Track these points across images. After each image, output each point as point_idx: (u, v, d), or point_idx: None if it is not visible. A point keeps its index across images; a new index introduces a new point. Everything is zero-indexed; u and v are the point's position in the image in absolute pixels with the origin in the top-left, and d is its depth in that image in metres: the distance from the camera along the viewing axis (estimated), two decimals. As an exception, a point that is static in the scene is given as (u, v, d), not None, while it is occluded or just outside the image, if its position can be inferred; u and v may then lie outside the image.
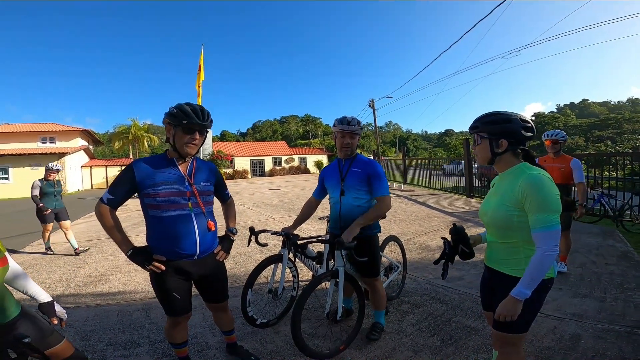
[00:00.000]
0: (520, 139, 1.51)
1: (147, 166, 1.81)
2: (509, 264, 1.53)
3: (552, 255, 1.36)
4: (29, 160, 21.83)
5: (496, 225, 1.56)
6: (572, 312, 2.87)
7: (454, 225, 1.74)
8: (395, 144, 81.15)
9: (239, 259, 4.84)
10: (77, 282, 4.12)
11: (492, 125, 1.54)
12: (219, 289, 2.13)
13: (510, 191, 1.47)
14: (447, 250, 1.73)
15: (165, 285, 1.87)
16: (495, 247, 1.61)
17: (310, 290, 2.24)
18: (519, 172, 1.49)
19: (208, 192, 1.99)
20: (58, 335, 1.66)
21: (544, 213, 1.36)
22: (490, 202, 1.61)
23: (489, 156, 1.57)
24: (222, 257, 2.06)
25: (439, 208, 8.75)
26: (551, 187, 1.40)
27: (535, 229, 1.39)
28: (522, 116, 1.53)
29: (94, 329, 2.87)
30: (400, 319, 2.85)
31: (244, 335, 2.68)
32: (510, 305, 1.41)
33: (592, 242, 5.09)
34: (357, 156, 2.51)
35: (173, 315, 1.97)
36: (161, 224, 1.80)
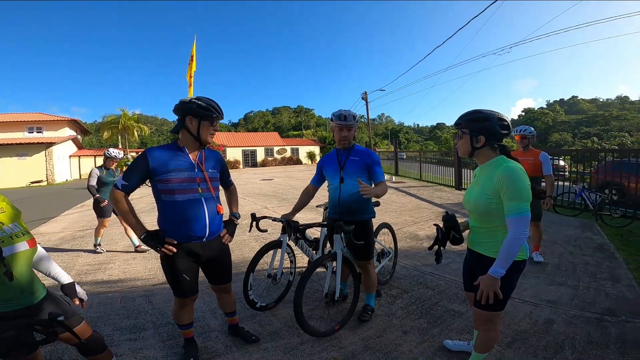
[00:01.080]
0: (497, 135, 1.69)
1: (161, 154, 1.95)
2: (488, 246, 1.72)
3: (522, 238, 1.56)
4: (16, 150, 21.45)
5: (478, 212, 1.75)
6: (548, 298, 3.10)
7: (446, 213, 1.94)
8: (388, 136, 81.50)
9: (236, 247, 4.97)
10: (76, 271, 4.21)
11: (473, 122, 1.73)
12: (224, 271, 2.28)
13: (489, 181, 1.66)
14: (440, 237, 1.92)
15: (175, 266, 2.00)
16: (477, 231, 1.81)
17: (312, 271, 2.40)
18: (496, 164, 1.69)
19: (215, 178, 2.15)
20: (78, 317, 1.75)
21: (516, 201, 1.56)
22: (472, 191, 1.80)
23: (469, 149, 1.77)
24: (228, 240, 2.22)
25: (429, 199, 9.00)
26: (524, 178, 1.59)
27: (509, 214, 1.58)
28: (499, 115, 1.71)
29: (99, 315, 2.98)
30: (390, 303, 3.05)
31: (244, 318, 2.84)
32: (487, 281, 1.61)
33: (571, 234, 5.37)
34: (354, 146, 2.69)
35: (182, 296, 2.10)
36: (174, 208, 1.94)
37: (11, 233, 1.51)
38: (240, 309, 2.87)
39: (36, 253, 1.72)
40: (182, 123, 2.00)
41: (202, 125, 1.98)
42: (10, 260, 1.46)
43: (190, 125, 1.98)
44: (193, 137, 2.00)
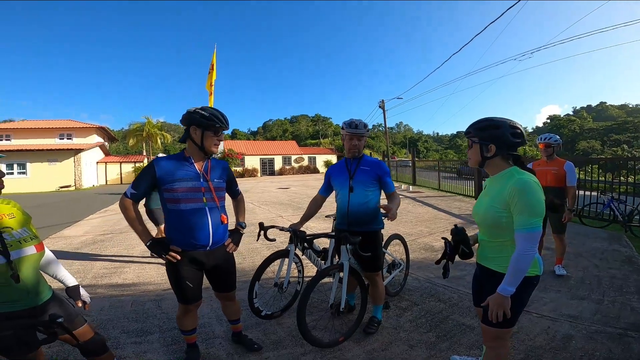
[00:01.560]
0: (509, 144, 1.60)
1: (167, 164, 2.00)
2: (497, 261, 1.64)
3: (529, 255, 1.47)
4: (46, 156, 22.59)
5: (486, 225, 1.67)
6: (568, 313, 2.94)
7: (455, 227, 1.86)
8: (406, 145, 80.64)
9: (247, 254, 5.00)
10: (93, 274, 4.33)
11: (482, 130, 1.65)
12: (228, 279, 2.29)
13: (500, 193, 1.57)
14: (448, 251, 1.84)
15: (179, 273, 2.04)
16: (486, 245, 1.72)
17: (317, 280, 2.36)
18: (508, 175, 1.59)
19: (221, 188, 2.17)
20: (82, 319, 1.80)
21: (527, 216, 1.47)
22: (482, 203, 1.72)
23: (479, 159, 1.69)
24: (232, 249, 2.23)
25: (446, 210, 8.78)
26: (537, 191, 1.49)
27: (518, 229, 1.49)
28: (512, 122, 1.63)
29: (109, 318, 3.05)
30: (399, 315, 2.96)
31: (249, 326, 2.83)
32: (496, 300, 1.52)
33: (598, 246, 5.09)
34: (363, 156, 2.66)
35: (185, 302, 2.13)
36: (178, 217, 1.98)
37: (19, 238, 1.59)
38: (246, 317, 2.86)
39: (44, 256, 1.80)
40: (188, 133, 2.04)
41: (205, 135, 2.01)
42: (18, 263, 1.52)
43: (195, 135, 2.02)
44: (197, 147, 2.04)
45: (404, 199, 11.14)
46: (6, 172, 20.06)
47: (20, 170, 22.36)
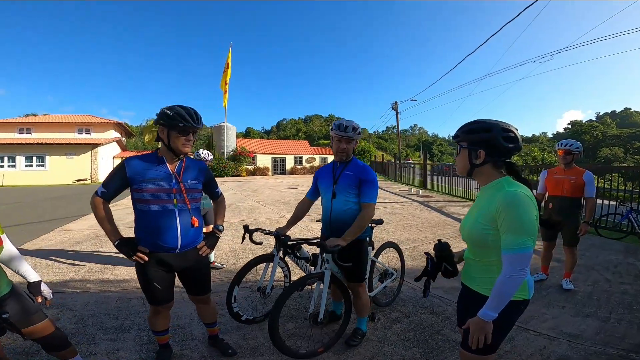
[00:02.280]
0: (501, 150, 1.41)
1: (138, 163, 1.94)
2: (482, 283, 1.46)
3: (517, 279, 1.29)
4: (65, 149, 23.23)
5: (472, 242, 1.49)
6: (569, 331, 2.74)
7: (439, 241, 1.67)
8: (420, 147, 79.60)
9: (242, 254, 4.93)
10: (87, 269, 4.33)
11: (471, 134, 1.46)
12: (201, 283, 2.21)
13: (487, 207, 1.39)
14: (430, 267, 1.66)
15: (147, 275, 1.98)
16: (471, 264, 1.54)
17: (293, 290, 2.25)
18: (498, 187, 1.40)
19: (196, 189, 2.09)
20: (42, 314, 1.82)
21: (515, 234, 1.28)
22: (469, 217, 1.54)
23: (467, 167, 1.49)
24: (205, 252, 2.13)
25: (454, 216, 8.51)
26: (528, 207, 1.30)
27: (505, 250, 1.31)
28: (505, 125, 1.44)
29: (91, 314, 3.02)
30: (386, 327, 2.80)
31: (230, 329, 2.74)
32: (476, 324, 1.36)
33: (612, 259, 4.79)
34: (352, 160, 2.50)
35: (154, 304, 2.09)
36: (146, 218, 1.92)
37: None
38: (228, 319, 2.77)
39: (7, 252, 1.81)
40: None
41: (171, 135, 1.93)
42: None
43: (162, 135, 1.95)
44: (166, 147, 1.97)
45: (412, 203, 10.89)
46: (25, 165, 20.88)
47: (39, 163, 23.08)
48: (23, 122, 26.58)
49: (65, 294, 3.45)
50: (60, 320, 2.90)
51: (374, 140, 76.37)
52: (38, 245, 5.62)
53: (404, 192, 14.46)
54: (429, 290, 1.68)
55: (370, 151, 40.42)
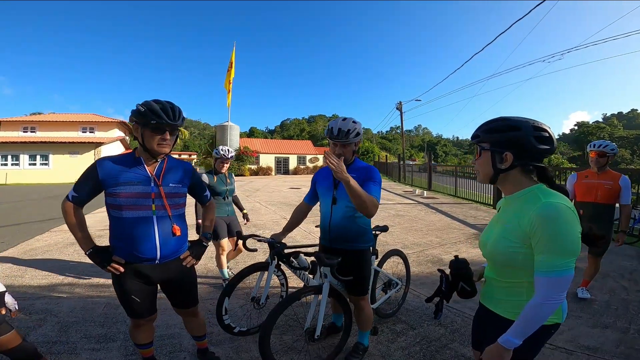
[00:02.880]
0: (532, 152, 1.18)
1: (112, 165, 1.74)
2: (508, 306, 1.25)
3: (553, 305, 1.08)
4: (68, 148, 23.23)
5: (496, 261, 1.27)
6: (587, 344, 2.54)
7: (455, 258, 1.44)
8: (424, 148, 79.16)
9: (240, 259, 4.71)
10: (78, 271, 4.16)
11: (495, 133, 1.22)
12: (185, 295, 2.02)
13: (517, 221, 1.17)
14: (444, 287, 1.44)
15: (124, 287, 1.80)
16: (494, 285, 1.32)
17: (287, 304, 2.07)
18: (531, 197, 1.18)
19: (179, 194, 1.88)
20: (7, 326, 1.70)
21: (555, 255, 1.06)
22: (492, 232, 1.31)
23: (491, 173, 1.26)
24: (190, 263, 1.94)
25: (461, 219, 8.26)
26: (572, 222, 1.08)
27: (540, 272, 1.09)
28: (536, 123, 1.20)
29: (76, 321, 2.85)
30: (390, 341, 2.60)
31: (222, 340, 2.56)
32: (495, 353, 1.15)
33: (626, 265, 4.58)
34: (354, 162, 2.24)
35: (133, 317, 1.90)
36: (121, 225, 1.73)
37: None
38: (221, 330, 2.57)
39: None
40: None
41: (144, 133, 1.72)
42: None
43: (136, 133, 1.75)
44: (142, 146, 1.77)
45: (417, 204, 10.65)
46: (29, 163, 20.91)
47: (42, 161, 23.11)
48: (27, 120, 26.63)
49: (51, 299, 3.29)
50: (42, 326, 2.74)
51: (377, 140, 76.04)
52: (31, 246, 5.48)
53: (408, 193, 14.22)
54: (441, 312, 1.47)
55: (373, 151, 40.13)
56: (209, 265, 4.42)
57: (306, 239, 5.77)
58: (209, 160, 27.65)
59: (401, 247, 5.43)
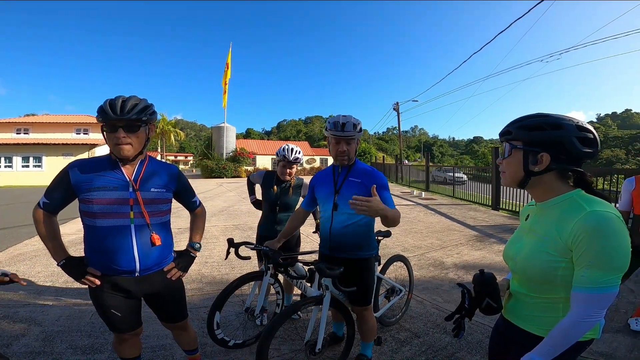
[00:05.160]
0: (574, 155, 1.04)
1: (85, 169, 1.57)
2: (539, 323, 1.11)
3: (590, 323, 0.96)
4: (62, 150, 22.89)
5: (529, 276, 1.12)
6: (600, 350, 2.44)
7: (480, 272, 1.27)
8: (420, 149, 79.38)
9: (237, 265, 4.55)
10: (66, 278, 3.94)
11: (533, 131, 1.07)
12: (172, 310, 1.86)
13: (556, 233, 1.03)
14: (467, 304, 1.28)
15: (102, 301, 1.63)
16: (523, 300, 1.18)
17: (286, 317, 1.93)
18: (572, 205, 1.04)
19: (161, 200, 1.69)
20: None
21: (600, 271, 0.93)
22: (523, 244, 1.16)
23: (521, 175, 1.11)
24: (175, 276, 1.77)
25: (460, 220, 8.16)
26: (622, 234, 0.95)
27: (580, 287, 0.96)
28: (580, 122, 1.06)
29: (62, 330, 2.70)
30: (394, 350, 2.46)
31: (216, 352, 2.41)
32: None
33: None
34: (355, 164, 2.08)
35: (115, 332, 1.75)
36: (95, 235, 1.57)
37: None
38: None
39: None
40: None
41: (104, 135, 1.56)
42: None
43: (104, 135, 1.58)
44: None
45: (415, 206, 10.55)
46: (22, 165, 20.55)
47: (35, 163, 22.75)
48: (20, 122, 26.25)
49: (37, 307, 3.12)
50: (26, 336, 2.59)
51: (374, 141, 76.08)
52: (20, 250, 5.28)
53: (406, 194, 14.12)
54: (463, 330, 1.31)
55: (370, 152, 40.04)
56: (203, 271, 4.27)
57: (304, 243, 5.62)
58: (204, 162, 27.50)
59: (401, 250, 5.32)
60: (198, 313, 3.02)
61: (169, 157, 30.37)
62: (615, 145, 66.15)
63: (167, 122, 34.29)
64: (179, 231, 6.27)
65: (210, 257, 4.88)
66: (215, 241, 5.87)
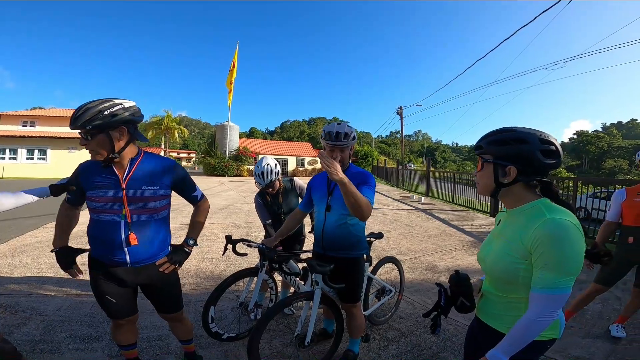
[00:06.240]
0: (538, 166, 1.12)
1: (88, 169, 1.71)
2: (504, 320, 1.21)
3: (545, 321, 1.05)
4: (66, 143, 23.14)
5: (496, 276, 1.23)
6: (577, 354, 2.53)
7: (456, 273, 1.37)
8: (423, 153, 79.33)
9: (234, 261, 4.66)
10: (68, 268, 4.10)
11: (500, 145, 1.17)
12: (166, 301, 1.95)
13: (520, 237, 1.12)
14: (443, 302, 1.39)
15: (99, 288, 1.77)
16: (492, 299, 1.29)
17: (277, 310, 2.03)
18: (535, 213, 1.13)
19: (153, 197, 1.72)
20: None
21: (554, 273, 1.02)
22: (491, 247, 1.28)
23: (492, 186, 1.20)
24: (168, 270, 1.83)
25: (457, 226, 8.23)
26: (577, 240, 1.04)
27: (537, 288, 1.05)
28: (543, 135, 1.14)
29: (62, 320, 2.80)
30: (381, 348, 2.56)
31: (210, 343, 2.50)
32: None
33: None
34: (349, 168, 2.20)
35: (111, 317, 1.87)
36: (93, 227, 1.72)
37: None
38: (208, 333, 2.53)
39: None
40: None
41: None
42: None
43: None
44: None
45: (414, 210, 10.62)
46: (27, 157, 20.74)
47: (40, 156, 23.02)
48: (27, 115, 26.51)
49: (38, 297, 3.23)
50: (27, 325, 2.69)
51: (377, 144, 76.13)
52: (22, 242, 5.41)
53: (406, 198, 14.19)
54: (439, 327, 1.41)
55: (372, 155, 40.10)
56: (201, 267, 4.38)
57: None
58: (207, 159, 27.67)
59: (396, 253, 5.40)
60: (195, 306, 3.12)
61: (172, 153, 30.52)
62: (618, 156, 65.97)
63: (172, 119, 34.46)
64: (180, 227, 6.38)
65: (209, 254, 4.98)
66: (215, 238, 5.99)
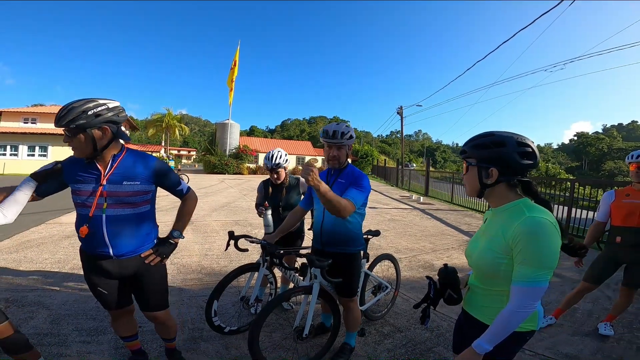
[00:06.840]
0: (516, 167, 1.23)
1: (73, 164, 1.77)
2: (490, 313, 1.30)
3: (525, 313, 1.14)
4: (67, 140, 23.22)
5: (481, 271, 1.33)
6: (566, 352, 2.62)
7: (444, 267, 1.50)
8: (423, 153, 79.42)
9: (235, 257, 4.75)
10: (72, 265, 4.19)
11: (481, 149, 1.27)
12: (150, 297, 1.93)
13: (501, 234, 1.23)
14: (432, 294, 1.50)
15: (90, 280, 1.87)
16: (477, 292, 1.39)
17: (277, 303, 2.11)
18: (516, 211, 1.23)
19: (134, 192, 1.75)
20: (2, 316, 1.74)
21: (532, 267, 1.13)
22: (477, 243, 1.37)
23: (478, 187, 1.31)
24: (153, 261, 1.86)
25: (455, 225, 8.32)
26: (552, 237, 1.13)
27: (517, 281, 1.15)
28: (519, 138, 1.25)
29: (68, 313, 2.88)
30: (377, 342, 2.65)
31: (212, 337, 2.59)
32: (467, 358, 1.20)
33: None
34: (347, 167, 2.29)
35: (106, 308, 1.96)
36: (78, 221, 1.78)
37: None
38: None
39: None
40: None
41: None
42: None
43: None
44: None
45: (412, 210, 10.71)
46: (27, 154, 20.76)
47: (41, 152, 23.10)
48: (28, 111, 26.60)
49: (44, 292, 3.32)
50: (34, 319, 2.77)
51: (377, 144, 76.19)
52: (26, 237, 5.49)
53: (405, 198, 14.27)
54: (429, 318, 1.51)
55: (372, 155, 40.21)
56: (203, 263, 4.47)
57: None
58: (207, 157, 27.75)
59: (394, 251, 5.49)
60: (197, 301, 3.21)
61: (172, 151, 30.57)
62: (618, 157, 66.08)
63: (172, 117, 34.52)
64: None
65: (210, 250, 5.07)
66: (216, 235, 6.07)
